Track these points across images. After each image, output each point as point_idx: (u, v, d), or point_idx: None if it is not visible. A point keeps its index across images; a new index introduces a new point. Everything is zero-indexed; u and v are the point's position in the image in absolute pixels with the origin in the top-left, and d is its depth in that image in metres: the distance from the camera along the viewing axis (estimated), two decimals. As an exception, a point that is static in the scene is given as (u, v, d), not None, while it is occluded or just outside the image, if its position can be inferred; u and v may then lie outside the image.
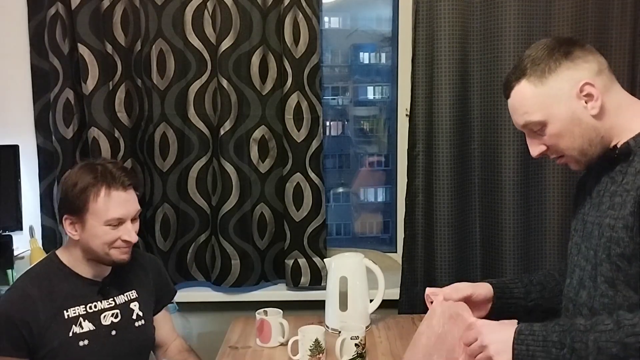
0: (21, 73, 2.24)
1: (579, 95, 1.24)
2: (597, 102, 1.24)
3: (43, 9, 2.17)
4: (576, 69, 1.25)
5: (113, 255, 1.60)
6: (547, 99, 1.26)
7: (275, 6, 2.17)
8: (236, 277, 2.25)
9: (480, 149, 2.17)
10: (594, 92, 1.24)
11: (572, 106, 1.25)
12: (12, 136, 2.23)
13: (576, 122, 1.25)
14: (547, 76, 1.26)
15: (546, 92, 1.26)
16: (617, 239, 1.20)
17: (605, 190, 1.29)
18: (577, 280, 1.34)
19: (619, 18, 2.05)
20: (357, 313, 1.97)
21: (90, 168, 1.59)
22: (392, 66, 2.50)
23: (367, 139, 2.71)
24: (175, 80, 2.18)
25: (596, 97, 1.24)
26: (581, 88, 1.24)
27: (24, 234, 2.23)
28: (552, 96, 1.26)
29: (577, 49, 1.27)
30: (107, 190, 1.56)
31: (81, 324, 1.61)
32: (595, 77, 1.25)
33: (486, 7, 2.09)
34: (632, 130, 1.25)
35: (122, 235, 1.59)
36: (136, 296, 1.73)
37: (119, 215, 1.58)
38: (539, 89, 1.26)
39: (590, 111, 1.24)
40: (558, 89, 1.25)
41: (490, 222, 2.17)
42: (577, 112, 1.25)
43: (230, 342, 1.94)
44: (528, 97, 1.28)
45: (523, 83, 1.28)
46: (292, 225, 2.25)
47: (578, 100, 1.25)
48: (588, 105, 1.24)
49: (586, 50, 1.28)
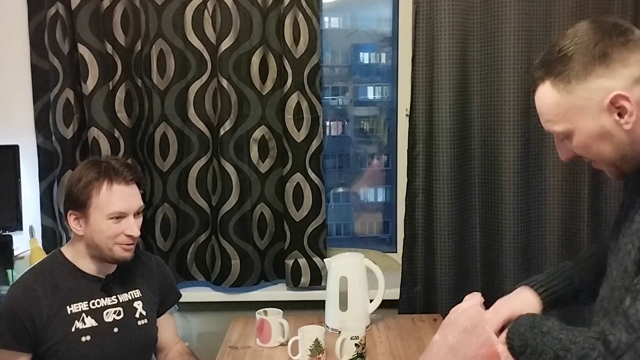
0: (21, 73, 2.24)
1: (610, 108, 1.06)
2: (631, 117, 1.06)
3: (43, 9, 2.17)
4: (610, 76, 1.06)
5: (116, 252, 1.61)
6: (572, 110, 1.09)
7: (275, 6, 2.17)
8: (236, 277, 2.25)
9: (480, 149, 2.17)
10: (627, 106, 1.05)
11: (602, 120, 1.08)
12: (12, 136, 2.23)
13: (606, 137, 1.09)
14: (574, 84, 1.08)
15: (571, 103, 1.09)
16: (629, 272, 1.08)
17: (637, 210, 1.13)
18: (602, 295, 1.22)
19: (619, 18, 2.05)
20: (357, 313, 1.97)
21: (95, 164, 1.62)
22: (392, 66, 2.49)
23: (367, 139, 2.71)
24: (175, 80, 2.18)
25: (630, 111, 1.05)
26: (612, 100, 1.05)
27: (24, 234, 2.24)
28: (579, 107, 1.08)
29: (618, 46, 1.06)
30: (109, 184, 1.57)
31: (84, 319, 1.61)
32: (633, 85, 1.05)
33: (486, 7, 2.09)
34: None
35: (125, 230, 1.59)
36: (140, 295, 1.73)
37: (121, 209, 1.58)
38: (563, 98, 1.09)
39: (623, 126, 1.07)
40: (586, 100, 1.08)
41: (490, 222, 2.17)
42: (607, 127, 1.08)
43: (230, 342, 1.95)
44: (551, 105, 1.12)
45: (547, 86, 1.11)
46: (292, 225, 2.25)
47: (609, 113, 1.07)
48: (621, 119, 1.06)
49: (628, 48, 1.06)
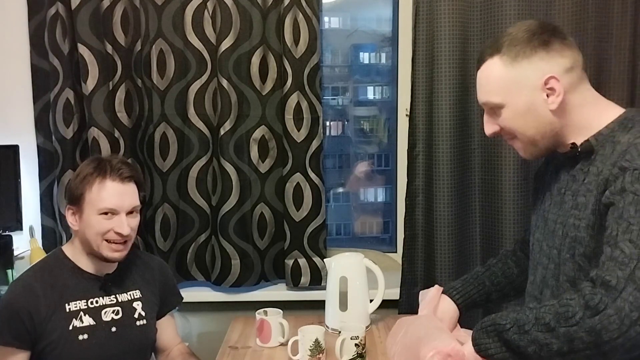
0: (21, 73, 2.24)
1: (543, 87, 1.24)
2: (558, 97, 1.23)
3: (43, 9, 2.17)
4: (549, 60, 1.24)
5: (104, 251, 1.60)
6: (511, 84, 1.26)
7: (275, 6, 2.17)
8: (236, 277, 2.25)
9: (480, 149, 2.17)
10: (557, 88, 1.23)
11: (533, 96, 1.25)
12: (12, 136, 2.23)
13: (532, 113, 1.25)
14: (519, 60, 1.25)
15: (513, 77, 1.25)
16: (581, 238, 1.21)
17: (566, 189, 1.29)
18: (540, 278, 1.35)
19: (619, 18, 2.05)
20: (357, 313, 1.97)
21: (94, 160, 1.64)
22: (392, 66, 2.50)
23: (367, 139, 2.71)
24: (175, 80, 2.18)
25: (558, 92, 1.23)
26: (546, 81, 1.23)
27: (24, 234, 2.24)
28: (517, 82, 1.25)
29: (558, 40, 1.26)
30: (102, 180, 1.58)
31: (81, 318, 1.61)
32: (565, 73, 1.24)
33: (486, 7, 2.09)
34: (593, 128, 1.25)
35: (114, 227, 1.58)
36: (140, 296, 1.73)
37: (111, 206, 1.58)
38: (508, 72, 1.26)
39: (549, 105, 1.24)
40: (525, 77, 1.25)
41: (490, 222, 2.17)
42: (535, 104, 1.25)
43: (230, 342, 1.94)
44: (495, 77, 1.28)
45: (495, 60, 1.27)
46: (292, 225, 2.25)
47: (541, 92, 1.24)
48: (549, 99, 1.24)
49: (565, 44, 1.26)
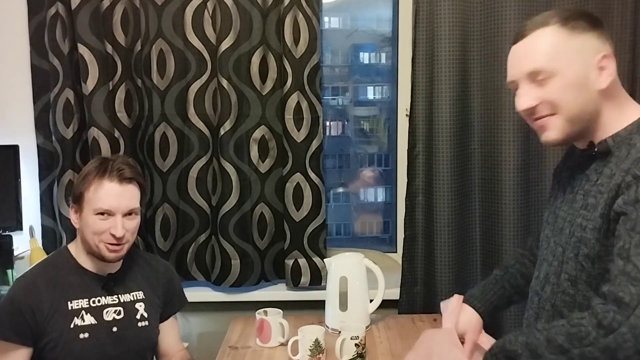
0: (21, 73, 2.24)
1: (597, 63, 1.20)
2: (610, 77, 1.20)
3: (43, 9, 2.17)
4: (604, 41, 1.22)
5: (101, 250, 1.60)
6: (569, 52, 1.20)
7: (275, 6, 2.17)
8: (236, 277, 2.25)
9: (480, 149, 2.17)
10: (610, 67, 1.20)
11: (587, 70, 1.20)
12: (12, 136, 2.24)
13: (582, 88, 1.20)
14: (576, 33, 1.20)
15: (571, 46, 1.20)
16: (586, 240, 1.20)
17: (579, 188, 1.27)
18: (543, 274, 1.34)
19: (619, 18, 2.06)
20: (357, 313, 1.97)
21: (98, 159, 1.65)
22: (392, 66, 2.49)
23: (367, 139, 2.71)
24: (175, 80, 2.18)
25: (611, 72, 1.20)
26: (601, 58, 1.20)
27: (24, 234, 2.24)
28: (575, 51, 1.20)
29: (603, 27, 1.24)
30: (100, 180, 1.58)
31: (83, 316, 1.61)
32: (614, 57, 1.22)
33: (486, 7, 2.09)
34: (614, 127, 1.22)
35: (110, 229, 1.58)
36: (143, 297, 1.73)
37: (106, 207, 1.58)
38: (565, 41, 1.20)
39: (600, 83, 1.20)
40: (584, 49, 1.20)
41: (490, 222, 2.17)
42: (588, 78, 1.20)
43: (230, 342, 1.94)
44: (551, 43, 1.21)
45: (552, 28, 1.22)
46: (292, 225, 2.25)
47: (594, 68, 1.20)
48: (602, 75, 1.20)
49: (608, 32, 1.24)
